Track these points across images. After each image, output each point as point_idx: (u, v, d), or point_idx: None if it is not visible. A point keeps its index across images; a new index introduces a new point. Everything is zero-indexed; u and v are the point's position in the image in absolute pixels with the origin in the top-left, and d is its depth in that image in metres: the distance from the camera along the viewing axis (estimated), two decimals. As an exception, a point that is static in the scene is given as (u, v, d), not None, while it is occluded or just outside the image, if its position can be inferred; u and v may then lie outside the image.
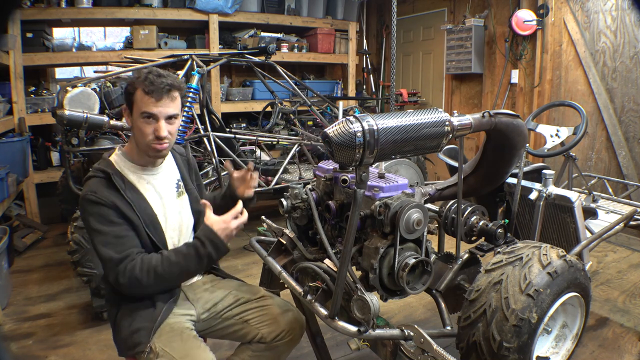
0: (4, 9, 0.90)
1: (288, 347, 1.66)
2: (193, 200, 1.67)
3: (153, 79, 1.45)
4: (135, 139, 1.53)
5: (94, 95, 3.14)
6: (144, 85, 1.44)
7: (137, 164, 1.56)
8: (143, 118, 1.46)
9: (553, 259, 1.47)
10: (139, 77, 1.46)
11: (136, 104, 1.46)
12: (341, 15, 6.10)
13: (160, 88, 1.45)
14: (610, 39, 4.14)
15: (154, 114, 1.46)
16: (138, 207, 1.48)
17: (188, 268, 1.45)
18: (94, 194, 1.43)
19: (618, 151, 4.16)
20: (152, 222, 1.52)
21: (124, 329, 1.50)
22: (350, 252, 1.32)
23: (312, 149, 4.23)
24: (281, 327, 1.63)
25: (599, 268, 3.41)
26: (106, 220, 1.42)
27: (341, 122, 1.22)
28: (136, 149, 1.55)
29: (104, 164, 1.52)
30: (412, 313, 2.80)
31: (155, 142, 1.48)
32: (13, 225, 3.98)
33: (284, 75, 4.26)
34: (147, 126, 1.46)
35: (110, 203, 1.43)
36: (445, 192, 1.94)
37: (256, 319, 1.63)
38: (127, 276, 1.39)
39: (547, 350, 1.68)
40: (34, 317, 2.78)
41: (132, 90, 1.46)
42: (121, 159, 1.55)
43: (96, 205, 1.43)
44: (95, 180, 1.47)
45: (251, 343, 1.63)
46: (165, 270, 1.41)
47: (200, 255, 1.43)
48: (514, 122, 1.64)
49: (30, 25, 4.37)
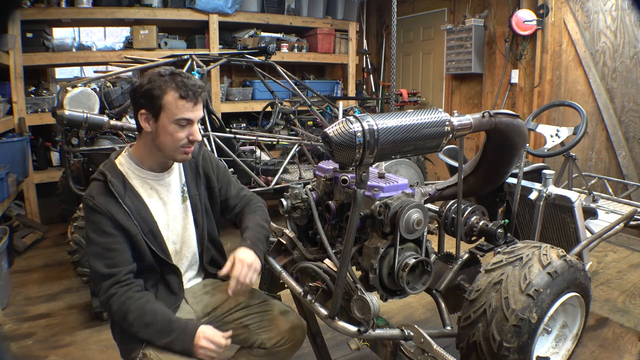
0: (4, 9, 0.90)
1: (289, 353, 1.63)
2: (194, 208, 1.61)
3: (186, 82, 1.39)
4: (159, 143, 1.44)
5: (94, 95, 3.14)
6: (177, 89, 1.37)
7: (144, 167, 1.51)
8: (177, 123, 1.40)
9: (553, 259, 1.47)
10: (163, 80, 1.38)
11: (168, 108, 1.38)
12: (341, 15, 6.10)
13: (195, 92, 1.40)
14: (610, 39, 4.14)
15: (190, 119, 1.41)
16: (136, 215, 1.44)
17: (150, 336, 1.38)
18: (92, 200, 1.40)
19: (618, 151, 4.16)
20: (151, 231, 1.47)
21: (120, 332, 1.50)
22: (350, 252, 1.32)
23: (312, 149, 4.24)
24: (282, 333, 1.60)
25: (599, 268, 3.41)
26: (99, 230, 1.39)
27: (341, 122, 1.22)
28: (147, 152, 1.49)
29: (107, 167, 1.47)
30: (412, 313, 2.80)
31: (187, 146, 1.45)
32: (13, 225, 3.98)
33: (284, 75, 4.26)
34: (181, 131, 1.41)
35: (105, 211, 1.39)
36: (445, 192, 1.94)
37: (256, 324, 1.61)
38: (105, 299, 1.38)
39: (547, 350, 1.68)
40: (34, 317, 2.78)
41: (160, 93, 1.37)
42: (127, 161, 1.50)
43: (92, 212, 1.40)
44: (96, 184, 1.44)
45: (251, 348, 1.61)
46: (133, 321, 1.37)
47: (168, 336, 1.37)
48: (514, 122, 1.64)
49: (30, 25, 4.37)
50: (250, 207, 1.72)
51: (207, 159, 1.67)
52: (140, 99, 1.41)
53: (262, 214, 1.69)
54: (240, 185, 1.79)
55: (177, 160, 1.52)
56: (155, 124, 1.41)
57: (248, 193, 1.78)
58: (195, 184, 1.62)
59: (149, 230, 1.47)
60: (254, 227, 1.61)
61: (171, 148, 1.44)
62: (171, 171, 1.57)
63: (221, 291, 1.67)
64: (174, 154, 1.46)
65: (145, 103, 1.40)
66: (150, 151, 1.48)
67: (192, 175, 1.62)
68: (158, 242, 1.49)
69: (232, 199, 1.73)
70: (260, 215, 1.68)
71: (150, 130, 1.43)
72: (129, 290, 1.39)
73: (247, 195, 1.76)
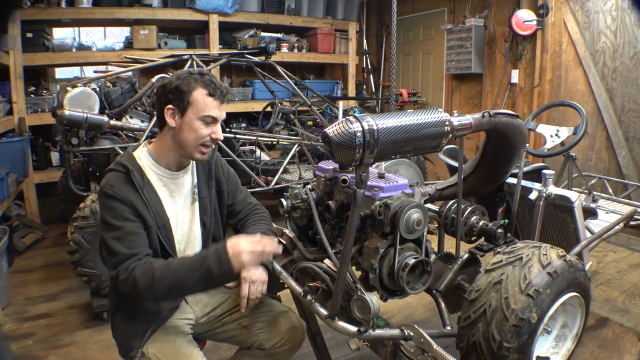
0: (4, 9, 0.90)
1: (288, 354, 1.63)
2: (202, 210, 1.61)
3: (214, 81, 1.44)
4: (181, 139, 1.46)
5: (94, 95, 3.13)
6: (206, 87, 1.42)
7: (161, 165, 1.52)
8: (202, 120, 1.43)
9: (553, 259, 1.47)
10: (193, 78, 1.43)
11: (195, 104, 1.42)
12: (341, 15, 6.10)
13: (222, 92, 1.45)
14: (610, 39, 4.14)
15: (215, 118, 1.45)
16: (153, 208, 1.45)
17: (185, 279, 1.34)
18: (111, 188, 1.39)
19: (618, 151, 4.16)
20: (164, 226, 1.49)
21: (119, 330, 1.50)
22: (350, 252, 1.32)
23: (312, 149, 4.23)
24: (281, 334, 1.60)
25: (599, 268, 3.41)
26: (120, 215, 1.39)
27: (341, 122, 1.22)
28: (166, 149, 1.50)
29: (126, 158, 1.48)
30: (412, 313, 2.80)
31: (208, 143, 1.47)
32: (13, 225, 3.98)
33: (284, 75, 4.26)
34: (205, 128, 1.45)
35: (126, 199, 1.39)
36: (445, 192, 1.94)
37: (255, 325, 1.61)
38: (127, 274, 1.34)
39: (547, 350, 1.68)
40: (34, 317, 2.78)
41: (187, 89, 1.42)
42: (145, 156, 1.51)
43: (112, 200, 1.39)
44: (115, 174, 1.44)
45: (250, 349, 1.61)
46: (162, 275, 1.32)
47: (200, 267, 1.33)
48: (513, 122, 1.64)
49: (30, 25, 4.37)
50: (255, 216, 1.72)
51: (219, 164, 1.70)
52: (169, 94, 1.44)
53: (267, 225, 1.69)
54: (248, 192, 1.80)
55: (194, 159, 1.52)
56: (181, 119, 1.45)
57: (254, 201, 1.79)
58: (206, 186, 1.63)
59: (162, 224, 1.48)
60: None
61: (193, 145, 1.46)
62: (185, 171, 1.58)
63: (220, 292, 1.68)
64: (193, 151, 1.48)
65: (173, 98, 1.44)
66: (170, 148, 1.50)
67: (204, 178, 1.63)
68: (169, 238, 1.50)
69: (239, 204, 1.73)
70: (266, 226, 1.67)
71: (174, 126, 1.45)
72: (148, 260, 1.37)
73: (252, 203, 1.77)
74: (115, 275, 1.37)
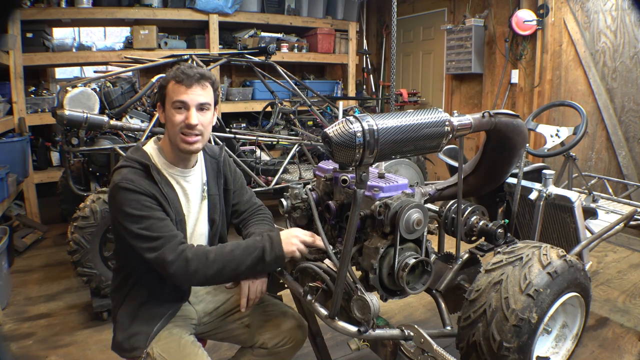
0: (4, 9, 0.90)
1: (290, 353, 1.64)
2: (211, 207, 1.63)
3: (184, 69, 1.47)
4: (167, 133, 1.50)
5: (94, 95, 3.14)
6: (175, 76, 1.46)
7: (170, 161, 1.53)
8: (174, 108, 1.45)
9: (553, 259, 1.47)
10: (170, 73, 1.49)
11: (168, 95, 1.47)
12: (341, 15, 6.10)
13: (191, 76, 1.45)
14: (610, 39, 4.14)
15: (184, 102, 1.44)
16: (172, 203, 1.46)
17: (239, 262, 1.37)
18: (131, 182, 1.38)
19: (618, 151, 4.16)
20: (181, 222, 1.50)
21: (123, 330, 1.49)
22: (350, 252, 1.32)
23: (312, 149, 4.23)
24: (283, 333, 1.61)
25: (599, 268, 3.41)
26: (145, 206, 1.37)
27: (341, 122, 1.22)
28: (170, 145, 1.52)
29: (139, 155, 1.48)
30: (412, 313, 2.80)
31: (185, 130, 1.45)
32: (13, 225, 3.98)
33: (284, 75, 4.26)
34: (178, 115, 1.45)
35: (148, 192, 1.39)
36: (445, 192, 1.94)
37: (258, 324, 1.62)
38: (177, 255, 1.33)
39: (547, 350, 1.68)
40: (34, 317, 2.78)
41: (165, 83, 1.48)
42: (157, 153, 1.52)
43: (133, 193, 1.37)
44: (130, 170, 1.42)
45: (253, 348, 1.62)
46: (217, 257, 1.35)
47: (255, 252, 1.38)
48: (514, 122, 1.64)
49: (30, 25, 4.37)
50: (258, 216, 1.75)
51: (227, 162, 1.72)
52: (157, 94, 1.53)
53: (269, 226, 1.71)
54: (253, 193, 1.83)
55: (181, 150, 1.50)
56: (163, 113, 1.51)
57: (259, 202, 1.81)
58: (216, 183, 1.65)
59: (180, 220, 1.49)
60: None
61: (174, 135, 1.47)
62: (194, 169, 1.59)
63: (223, 291, 1.70)
64: (177, 141, 1.47)
65: (159, 97, 1.52)
66: (169, 144, 1.53)
67: (213, 175, 1.65)
68: (184, 233, 1.50)
69: (243, 204, 1.75)
70: (268, 227, 1.70)
71: (163, 122, 1.52)
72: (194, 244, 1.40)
73: (257, 204, 1.79)
74: (158, 257, 1.34)
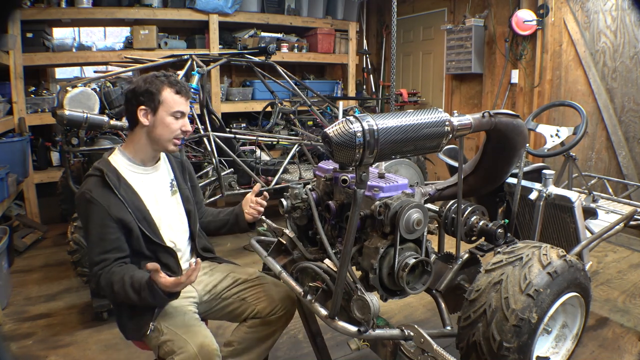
0: (4, 9, 0.90)
1: (282, 322, 1.76)
2: (184, 199, 1.77)
3: (178, 81, 1.63)
4: (155, 135, 1.61)
5: (94, 95, 3.14)
6: (172, 86, 1.60)
7: (135, 162, 1.65)
8: (173, 116, 1.61)
9: (553, 259, 1.47)
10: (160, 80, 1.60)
11: (166, 103, 1.59)
12: (341, 15, 6.10)
13: (186, 89, 1.65)
14: (610, 39, 4.14)
15: (183, 112, 1.63)
16: (130, 205, 1.56)
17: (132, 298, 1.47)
18: (89, 193, 1.52)
19: (618, 151, 4.16)
20: (145, 218, 1.59)
21: (127, 313, 1.59)
22: (350, 252, 1.32)
23: (312, 149, 4.23)
24: (275, 301, 1.73)
25: (599, 268, 3.41)
26: (94, 221, 1.51)
27: (341, 122, 1.22)
28: (140, 147, 1.64)
29: (102, 163, 1.60)
30: (412, 313, 2.80)
31: (179, 135, 1.64)
32: (13, 225, 3.98)
33: (284, 75, 4.26)
34: (175, 123, 1.62)
35: (101, 203, 1.51)
36: (445, 192, 1.94)
37: (253, 296, 1.75)
38: (96, 282, 1.51)
39: (547, 350, 1.68)
40: (34, 317, 2.78)
41: (157, 90, 1.58)
42: (119, 158, 1.64)
43: (89, 204, 1.51)
44: (92, 179, 1.56)
45: (247, 320, 1.73)
46: (118, 290, 1.47)
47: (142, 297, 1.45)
48: (514, 122, 1.64)
49: (30, 25, 4.36)
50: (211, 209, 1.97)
51: (188, 162, 1.90)
52: (140, 97, 1.59)
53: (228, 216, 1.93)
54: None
55: (168, 151, 1.69)
56: (153, 117, 1.60)
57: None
58: (182, 179, 1.81)
59: (143, 217, 1.59)
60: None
61: (166, 138, 1.62)
62: (159, 166, 1.73)
63: (218, 271, 1.83)
64: (167, 144, 1.64)
65: (144, 100, 1.59)
66: (145, 144, 1.64)
67: (179, 172, 1.80)
68: (152, 228, 1.61)
69: (200, 204, 1.92)
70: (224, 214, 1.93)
71: (147, 124, 1.60)
72: (113, 267, 1.51)
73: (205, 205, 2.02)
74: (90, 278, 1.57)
